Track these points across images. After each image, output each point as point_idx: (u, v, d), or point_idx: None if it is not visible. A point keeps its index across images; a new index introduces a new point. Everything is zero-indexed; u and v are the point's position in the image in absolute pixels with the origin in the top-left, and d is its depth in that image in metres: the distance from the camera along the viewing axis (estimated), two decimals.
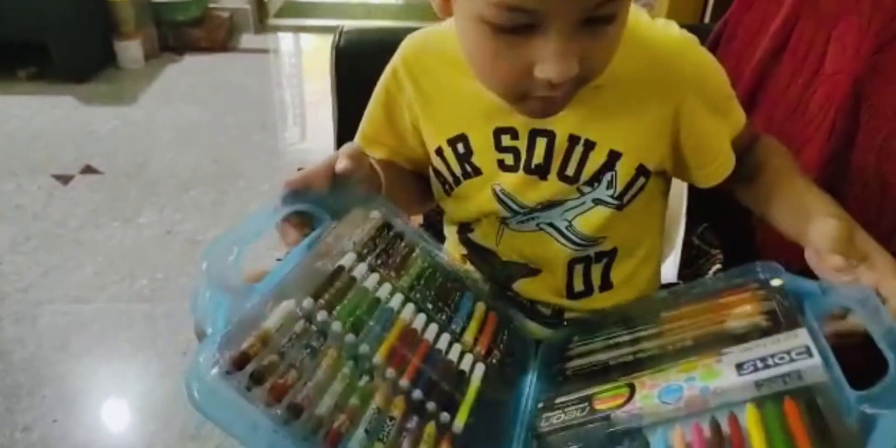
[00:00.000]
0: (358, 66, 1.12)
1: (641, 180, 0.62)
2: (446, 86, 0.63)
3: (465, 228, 0.72)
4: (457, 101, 0.63)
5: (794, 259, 0.79)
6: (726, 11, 1.11)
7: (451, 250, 0.75)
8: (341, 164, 0.54)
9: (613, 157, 0.61)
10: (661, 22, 0.62)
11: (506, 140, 0.62)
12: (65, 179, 1.85)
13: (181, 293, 1.43)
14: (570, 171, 0.62)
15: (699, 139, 0.62)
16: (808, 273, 0.76)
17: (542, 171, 0.62)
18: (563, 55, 0.48)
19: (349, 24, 1.17)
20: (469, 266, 0.73)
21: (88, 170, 1.90)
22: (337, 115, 1.16)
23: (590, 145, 0.60)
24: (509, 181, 0.64)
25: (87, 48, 2.51)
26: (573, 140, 0.60)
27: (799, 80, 0.88)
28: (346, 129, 1.18)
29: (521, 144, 0.62)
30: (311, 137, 2.23)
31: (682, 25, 0.65)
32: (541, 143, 0.61)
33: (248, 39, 3.00)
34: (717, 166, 0.64)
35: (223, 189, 1.84)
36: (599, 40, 0.49)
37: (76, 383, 1.22)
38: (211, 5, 2.93)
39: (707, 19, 1.82)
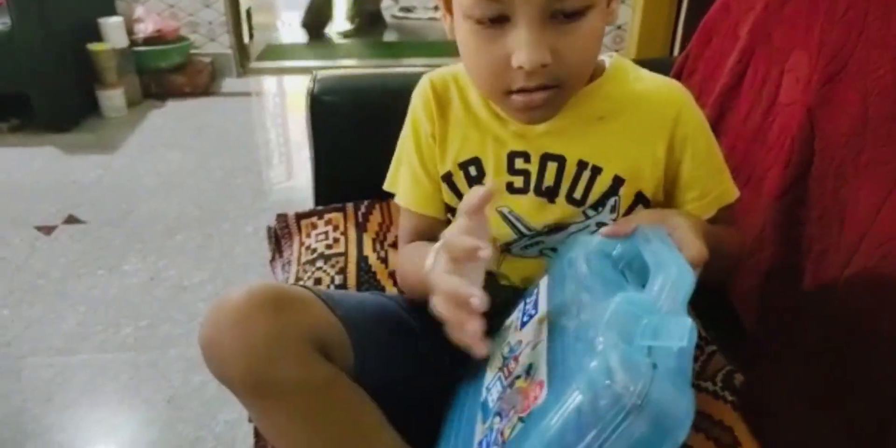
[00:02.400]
0: (333, 111, 1.15)
1: (640, 207, 0.67)
2: (465, 114, 0.69)
3: None
4: (474, 127, 0.69)
5: (758, 282, 0.80)
6: None
7: None
8: (485, 253, 0.51)
9: (617, 182, 0.66)
10: (664, 79, 0.70)
11: (519, 163, 0.67)
12: (47, 230, 1.85)
13: (166, 340, 1.43)
14: (577, 195, 0.66)
15: (688, 174, 0.67)
16: (771, 295, 0.77)
17: (551, 194, 0.67)
18: (533, 44, 0.54)
19: (326, 67, 1.20)
20: None
21: (71, 219, 1.91)
22: (314, 159, 1.18)
23: (597, 170, 0.65)
24: (518, 204, 0.68)
25: (68, 98, 2.53)
26: (581, 165, 0.66)
27: (757, 111, 0.91)
28: (323, 171, 1.20)
29: (533, 168, 0.67)
30: (295, 177, 2.24)
31: (651, 59, 0.70)
32: (551, 168, 0.66)
33: (230, 83, 3.05)
34: (702, 205, 0.67)
35: (208, 233, 1.85)
36: (570, 36, 0.56)
37: (61, 435, 1.20)
38: (193, 51, 2.98)
39: (676, 52, 1.88)
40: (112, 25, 2.65)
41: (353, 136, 1.13)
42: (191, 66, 2.92)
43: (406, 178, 0.74)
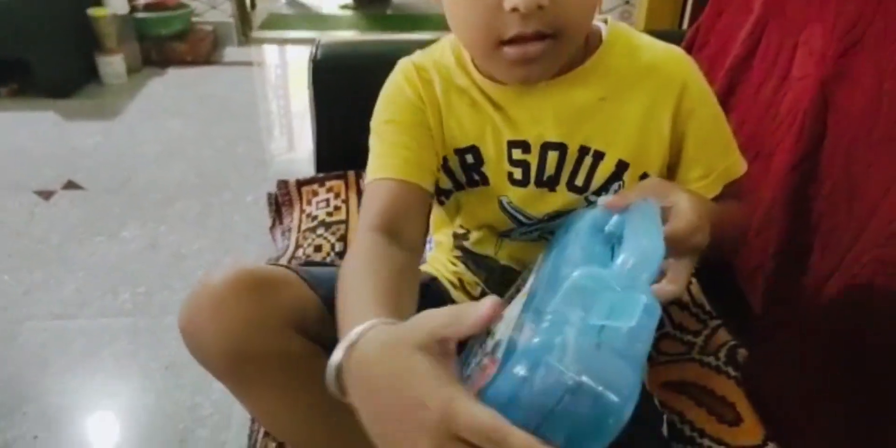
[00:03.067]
0: (335, 78, 1.13)
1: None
2: (455, 99, 0.65)
3: (460, 236, 0.73)
4: (469, 114, 0.65)
5: (766, 257, 0.80)
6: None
7: (442, 255, 0.75)
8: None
9: (621, 167, 0.63)
10: (664, 45, 0.66)
11: (517, 154, 0.64)
12: (46, 195, 1.84)
13: (164, 307, 1.42)
14: (579, 182, 0.64)
15: (693, 149, 0.64)
16: (779, 272, 0.77)
17: (551, 183, 0.65)
18: None
19: (328, 36, 1.18)
20: (461, 267, 0.73)
21: (71, 185, 1.89)
22: (316, 126, 1.17)
23: (599, 156, 0.63)
24: (518, 195, 0.66)
25: (68, 64, 2.50)
26: (583, 151, 0.63)
27: (769, 84, 0.89)
28: (324, 139, 1.19)
29: (533, 159, 0.64)
30: (296, 148, 2.23)
31: (660, 31, 0.68)
32: (552, 157, 0.63)
33: (231, 52, 3.01)
34: (706, 184, 0.65)
35: (208, 202, 1.83)
36: None
37: (58, 400, 1.21)
38: (194, 19, 2.94)
39: (685, 25, 1.85)
40: None
41: (355, 103, 1.10)
42: (192, 34, 2.87)
43: (383, 150, 0.66)
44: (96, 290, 1.47)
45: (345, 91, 1.15)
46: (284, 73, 3.00)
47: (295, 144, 2.26)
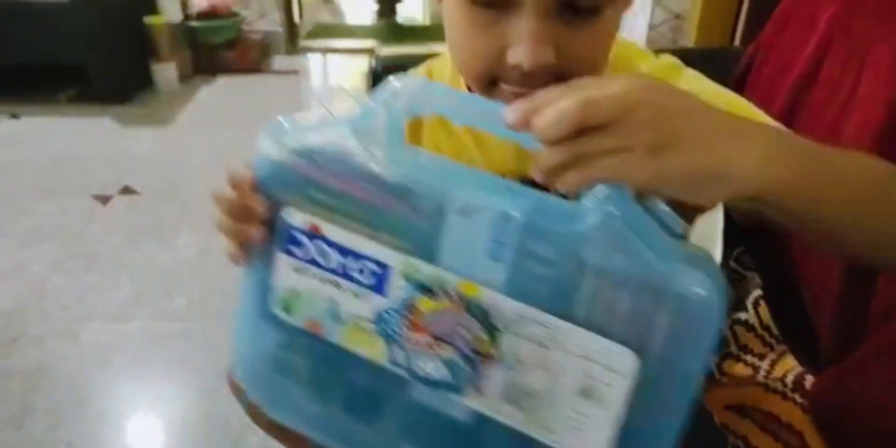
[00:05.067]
0: None
1: None
2: (436, 128, 0.61)
3: None
4: (448, 145, 0.61)
5: (833, 279, 0.79)
6: (756, 34, 1.12)
7: None
8: None
9: None
10: (663, 57, 0.60)
11: None
12: (104, 200, 1.90)
13: (217, 313, 1.46)
14: None
15: None
16: (847, 294, 0.75)
17: None
18: (537, 38, 0.45)
19: (379, 46, 1.20)
20: None
21: (127, 190, 1.95)
22: None
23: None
24: None
25: (125, 71, 2.59)
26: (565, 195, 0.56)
27: (833, 105, 0.88)
28: None
29: None
30: None
31: (714, 48, 0.67)
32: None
33: (279, 61, 3.07)
34: None
35: None
36: (582, 33, 0.46)
37: (116, 401, 1.25)
38: (244, 28, 3.01)
39: (737, 42, 1.83)
40: None
41: None
42: (242, 43, 2.94)
43: None
44: (152, 293, 1.52)
45: None
46: (329, 80, 3.05)
47: None
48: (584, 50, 0.47)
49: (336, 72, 3.09)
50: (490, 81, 0.50)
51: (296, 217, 0.44)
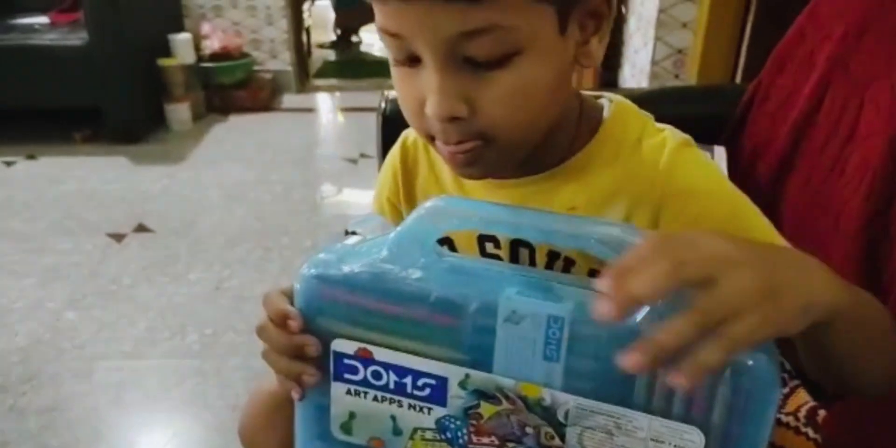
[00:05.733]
0: (404, 130, 1.18)
1: None
2: (431, 188, 0.62)
3: None
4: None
5: None
6: (758, 71, 1.15)
7: None
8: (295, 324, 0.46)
9: (595, 275, 0.50)
10: (665, 132, 0.56)
11: (489, 248, 0.59)
12: (118, 237, 1.93)
13: (229, 348, 1.47)
14: None
15: None
16: None
17: None
18: (441, 91, 0.45)
19: (388, 86, 1.24)
20: None
21: (141, 228, 1.98)
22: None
23: (570, 261, 0.55)
24: None
25: (139, 111, 2.64)
26: (552, 256, 0.56)
27: (835, 142, 0.90)
28: None
29: (504, 254, 0.58)
30: (349, 192, 2.29)
31: (716, 85, 0.67)
32: (523, 254, 0.57)
33: (289, 99, 3.13)
34: None
35: (268, 246, 1.90)
36: (491, 86, 0.46)
37: (130, 438, 1.25)
38: (255, 68, 3.08)
39: (738, 79, 1.86)
40: (181, 42, 2.76)
41: None
42: (253, 82, 3.01)
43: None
44: (165, 330, 1.53)
45: None
46: (339, 119, 3.11)
47: (347, 189, 2.32)
48: (495, 104, 0.46)
49: (344, 108, 3.14)
50: (428, 136, 0.51)
51: (345, 346, 0.45)
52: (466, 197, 0.46)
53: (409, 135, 0.65)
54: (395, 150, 0.65)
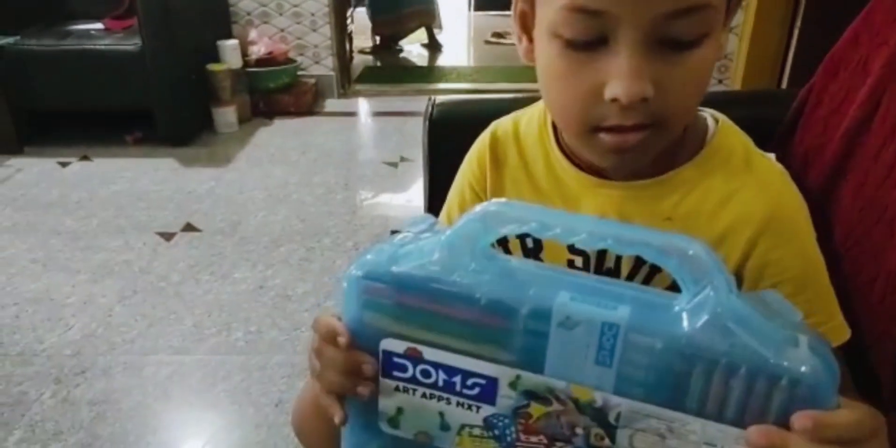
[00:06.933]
0: (449, 135, 1.19)
1: None
2: (525, 177, 0.62)
3: None
4: (532, 193, 0.62)
5: (895, 324, 0.78)
6: (804, 77, 1.13)
7: None
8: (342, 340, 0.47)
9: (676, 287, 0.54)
10: (769, 156, 0.59)
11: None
12: (168, 236, 1.99)
13: (273, 346, 1.50)
14: (638, 280, 0.58)
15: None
16: None
17: (612, 275, 0.59)
18: (634, 72, 0.45)
19: (419, 90, 1.24)
20: None
21: (189, 227, 2.04)
22: (428, 181, 1.23)
23: (656, 269, 0.56)
24: None
25: (187, 114, 2.72)
26: (639, 260, 0.56)
27: (890, 149, 0.89)
28: (436, 194, 1.24)
29: (592, 251, 0.58)
30: (389, 195, 2.31)
31: (761, 90, 0.67)
32: (611, 254, 0.58)
33: (332, 103, 3.18)
34: None
35: (310, 246, 1.93)
36: (678, 68, 0.47)
37: (177, 432, 1.29)
38: (299, 73, 3.14)
39: (784, 85, 1.84)
40: (229, 47, 2.83)
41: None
42: (297, 87, 3.07)
43: (447, 205, 0.68)
44: (212, 326, 1.57)
45: (458, 147, 1.20)
46: (379, 123, 3.15)
47: (387, 193, 2.35)
48: (680, 85, 0.48)
49: (385, 112, 3.18)
50: (589, 129, 0.50)
51: (395, 345, 0.46)
52: (523, 202, 0.46)
53: (500, 125, 0.66)
54: (484, 138, 0.66)
